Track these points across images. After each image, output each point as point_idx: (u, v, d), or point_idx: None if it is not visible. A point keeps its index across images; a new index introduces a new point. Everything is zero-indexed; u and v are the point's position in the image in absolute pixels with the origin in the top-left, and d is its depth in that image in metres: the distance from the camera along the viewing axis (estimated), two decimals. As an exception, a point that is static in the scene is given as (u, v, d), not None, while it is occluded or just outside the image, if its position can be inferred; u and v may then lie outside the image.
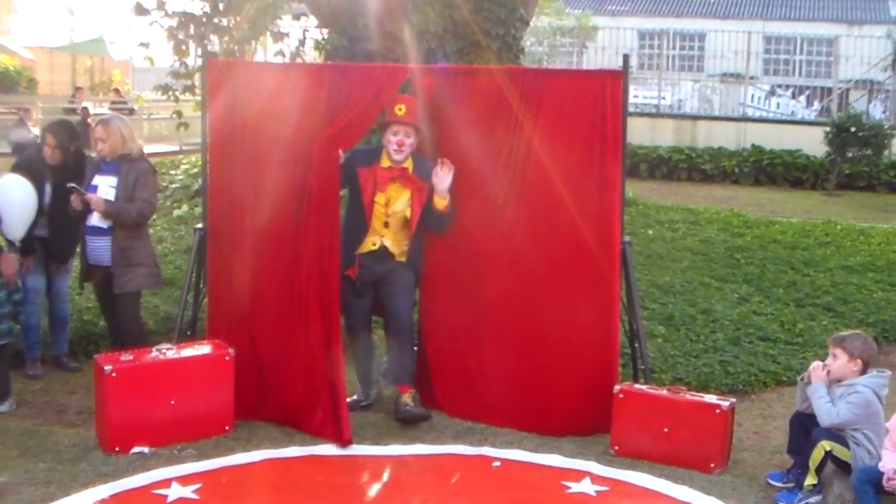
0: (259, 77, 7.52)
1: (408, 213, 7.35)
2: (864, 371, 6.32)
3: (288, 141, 7.21)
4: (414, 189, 7.35)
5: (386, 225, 7.35)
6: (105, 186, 7.72)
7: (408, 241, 7.44)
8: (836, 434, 6.19)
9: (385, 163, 7.34)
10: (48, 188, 8.10)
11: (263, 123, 7.25)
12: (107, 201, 7.64)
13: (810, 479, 6.20)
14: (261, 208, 7.29)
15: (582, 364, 7.34)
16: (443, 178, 7.30)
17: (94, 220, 7.74)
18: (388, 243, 7.37)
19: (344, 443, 6.90)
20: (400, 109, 7.27)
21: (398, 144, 7.27)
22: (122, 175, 7.71)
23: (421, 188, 7.35)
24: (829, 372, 6.35)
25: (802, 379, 6.56)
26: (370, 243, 7.36)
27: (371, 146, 7.73)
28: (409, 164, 7.37)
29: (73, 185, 7.68)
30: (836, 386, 6.34)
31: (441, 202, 7.34)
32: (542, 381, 7.43)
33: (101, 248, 7.77)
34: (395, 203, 7.34)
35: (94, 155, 7.88)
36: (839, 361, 6.35)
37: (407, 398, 7.39)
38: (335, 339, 7.12)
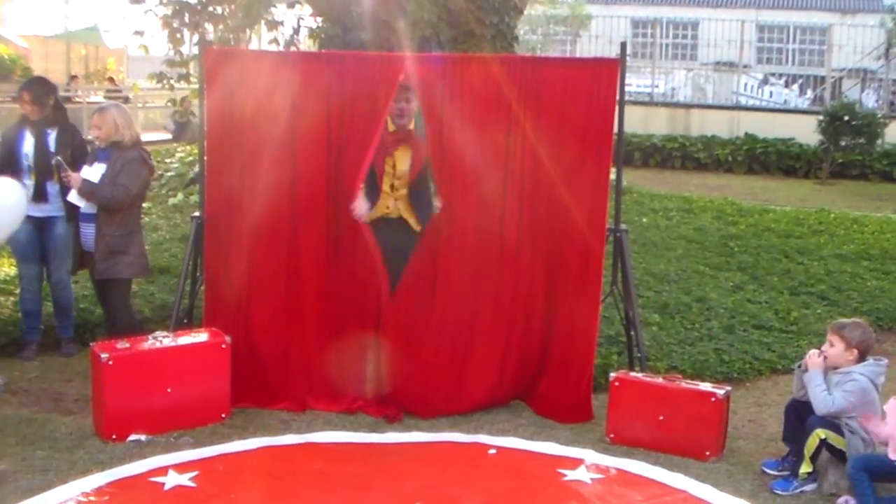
0: (257, 65, 7.51)
1: (406, 169, 7.55)
2: (860, 360, 6.34)
3: (286, 129, 7.21)
4: (416, 149, 7.55)
5: (393, 188, 7.54)
6: (92, 172, 7.81)
7: (411, 201, 7.61)
8: (831, 422, 6.21)
9: (390, 127, 7.49)
10: (30, 139, 8.27)
11: (261, 111, 7.24)
12: (84, 180, 7.74)
13: (805, 467, 6.22)
14: (259, 196, 7.29)
15: (563, 346, 7.44)
16: None
17: (72, 197, 7.84)
18: (401, 207, 7.58)
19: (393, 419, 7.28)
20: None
21: (400, 112, 7.47)
22: (112, 162, 7.78)
23: (422, 147, 7.50)
24: (825, 359, 6.38)
25: (800, 366, 6.58)
26: (383, 206, 7.53)
27: None
28: (412, 125, 7.60)
29: (58, 158, 7.85)
30: (832, 373, 6.37)
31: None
32: (528, 365, 7.53)
33: (90, 235, 7.86)
34: (400, 164, 7.55)
35: (96, 142, 7.95)
36: (836, 349, 6.37)
37: None
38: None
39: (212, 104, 7.51)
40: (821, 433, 6.17)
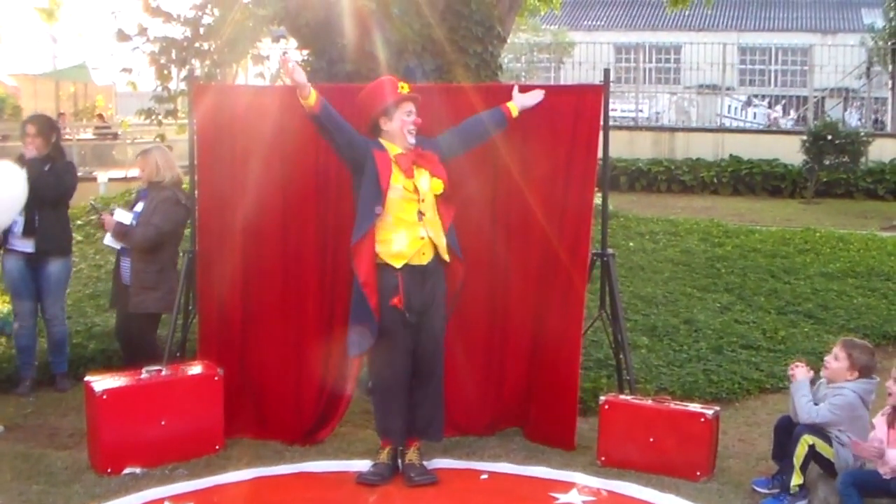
0: (246, 99, 7.56)
1: (436, 186, 6.72)
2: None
3: (277, 162, 7.27)
4: (429, 165, 6.77)
5: (421, 215, 6.67)
6: (125, 214, 8.14)
7: (444, 228, 6.77)
8: (818, 430, 6.29)
9: (395, 150, 6.72)
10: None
11: (251, 145, 7.29)
12: (117, 222, 8.03)
13: (796, 479, 6.26)
14: (251, 229, 7.34)
15: (547, 372, 7.44)
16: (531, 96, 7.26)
17: (107, 239, 8.22)
18: (432, 234, 6.68)
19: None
20: (403, 87, 6.73)
21: (414, 125, 6.69)
22: (149, 201, 8.12)
23: (433, 160, 6.79)
24: (826, 368, 6.51)
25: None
26: (416, 240, 6.65)
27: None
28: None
29: (91, 201, 8.07)
30: (826, 386, 6.47)
31: (514, 109, 7.11)
32: (511, 388, 7.57)
33: (127, 268, 8.13)
34: (421, 185, 6.71)
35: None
36: (839, 364, 6.45)
37: (413, 454, 6.90)
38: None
39: (202, 138, 7.57)
40: (808, 439, 6.24)
